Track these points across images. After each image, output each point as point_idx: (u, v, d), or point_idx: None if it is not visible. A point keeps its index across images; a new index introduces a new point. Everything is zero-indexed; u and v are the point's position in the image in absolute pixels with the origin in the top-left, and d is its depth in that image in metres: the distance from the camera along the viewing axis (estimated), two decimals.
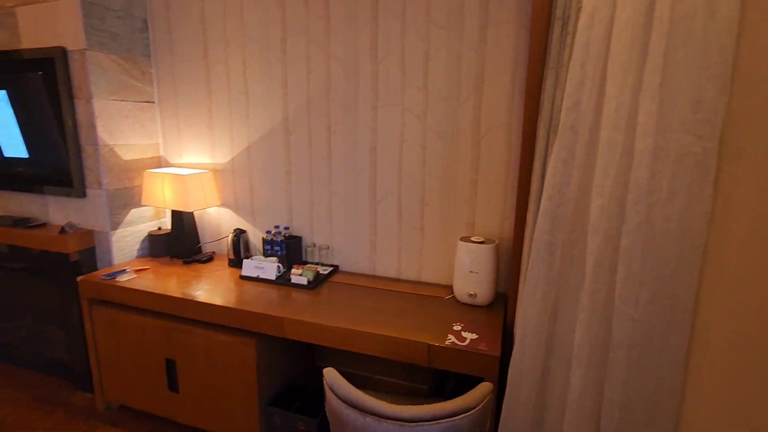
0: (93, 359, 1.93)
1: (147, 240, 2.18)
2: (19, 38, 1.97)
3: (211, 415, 1.73)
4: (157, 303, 1.72)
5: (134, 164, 2.11)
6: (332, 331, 1.45)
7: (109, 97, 1.97)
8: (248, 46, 1.95)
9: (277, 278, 1.81)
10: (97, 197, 1.99)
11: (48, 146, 2.05)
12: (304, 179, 1.98)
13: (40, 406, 1.99)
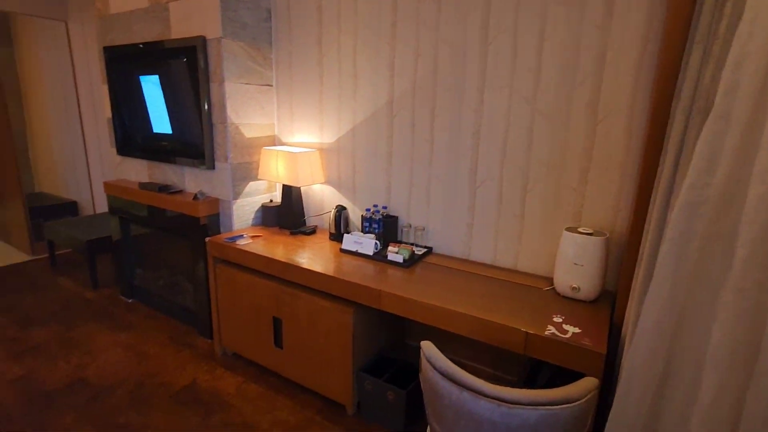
0: (214, 311, 2.23)
1: (260, 210, 2.43)
2: (170, 29, 2.29)
3: (310, 373, 1.90)
4: (268, 266, 1.92)
5: (254, 141, 2.35)
6: (426, 308, 1.49)
7: (237, 81, 2.20)
8: (360, 31, 2.04)
9: (374, 254, 1.90)
10: (224, 170, 2.26)
11: (187, 123, 2.37)
12: (404, 161, 2.03)
13: (173, 345, 2.36)
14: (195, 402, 1.90)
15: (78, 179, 4.00)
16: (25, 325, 2.50)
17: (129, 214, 2.68)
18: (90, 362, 2.16)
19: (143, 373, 2.10)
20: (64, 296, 2.89)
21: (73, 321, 2.57)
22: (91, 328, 2.50)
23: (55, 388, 1.95)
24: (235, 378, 2.08)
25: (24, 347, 2.27)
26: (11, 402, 1.85)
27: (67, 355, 2.21)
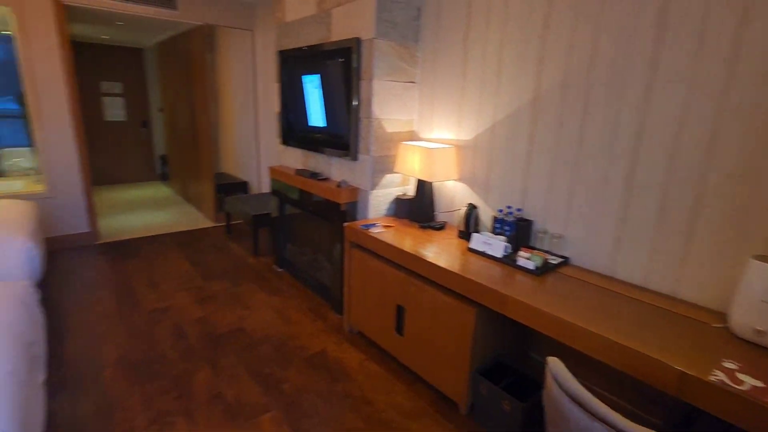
0: (346, 290, 2.45)
1: (394, 202, 2.56)
2: (331, 33, 2.55)
3: (427, 365, 1.95)
4: (397, 256, 2.01)
5: (394, 136, 2.47)
6: (558, 322, 1.39)
7: (384, 78, 2.34)
8: (508, 25, 1.96)
9: (503, 257, 1.83)
10: (365, 161, 2.44)
11: (338, 118, 2.61)
12: (545, 162, 1.90)
13: (310, 314, 2.68)
14: (323, 368, 2.13)
15: (250, 163, 4.78)
16: (207, 277, 3.12)
17: (285, 195, 3.10)
18: (248, 316, 2.60)
19: (286, 333, 2.43)
20: (233, 259, 3.52)
21: (239, 280, 3.11)
22: (251, 287, 2.99)
23: (223, 332, 2.41)
24: (358, 354, 2.26)
25: (205, 295, 2.85)
26: (194, 336, 2.35)
27: (232, 307, 2.70)
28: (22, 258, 2.11)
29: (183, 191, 5.48)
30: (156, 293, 2.84)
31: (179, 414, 1.78)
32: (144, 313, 2.58)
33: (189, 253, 3.61)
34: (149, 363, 2.10)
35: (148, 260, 3.40)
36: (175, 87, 5.04)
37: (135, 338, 2.31)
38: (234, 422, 1.75)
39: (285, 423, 1.76)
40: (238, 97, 4.85)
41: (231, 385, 1.97)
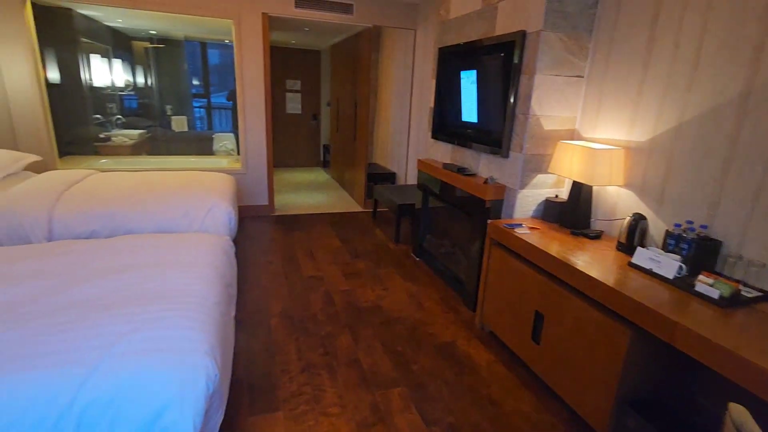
0: (481, 287, 2.43)
1: (543, 204, 2.42)
2: (494, 27, 2.52)
3: (563, 381, 1.81)
4: (541, 259, 1.91)
5: (551, 134, 2.33)
6: (747, 366, 1.14)
7: (547, 72, 2.21)
8: (713, 5, 1.64)
9: (675, 279, 1.57)
10: (516, 159, 2.36)
11: (491, 114, 2.58)
12: (751, 172, 1.55)
13: (442, 305, 2.74)
14: (452, 358, 2.17)
15: (399, 156, 5.06)
16: (353, 256, 3.46)
17: (430, 187, 3.21)
18: (386, 296, 2.80)
19: (418, 318, 2.54)
20: (376, 242, 3.81)
21: (380, 262, 3.36)
22: (389, 271, 3.21)
23: (364, 306, 2.65)
24: (487, 354, 2.23)
25: (351, 270, 3.17)
26: (340, 305, 2.65)
27: (373, 285, 2.94)
28: (226, 219, 2.68)
29: (339, 177, 6.13)
30: (313, 263, 3.28)
31: (324, 368, 2.04)
32: (303, 278, 3.01)
33: (340, 232, 4.04)
34: (304, 320, 2.45)
35: (308, 234, 3.94)
36: (342, 84, 5.64)
37: (294, 297, 2.72)
38: (367, 388, 1.92)
39: (411, 401, 1.86)
40: (394, 93, 5.16)
41: (367, 355, 2.16)
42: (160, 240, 2.00)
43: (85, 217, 2.45)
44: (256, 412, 1.75)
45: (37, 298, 1.41)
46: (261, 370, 2.00)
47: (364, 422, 1.72)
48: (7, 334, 1.20)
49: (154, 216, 2.56)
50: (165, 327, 1.29)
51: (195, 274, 1.65)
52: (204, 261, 1.79)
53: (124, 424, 1.08)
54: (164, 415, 1.11)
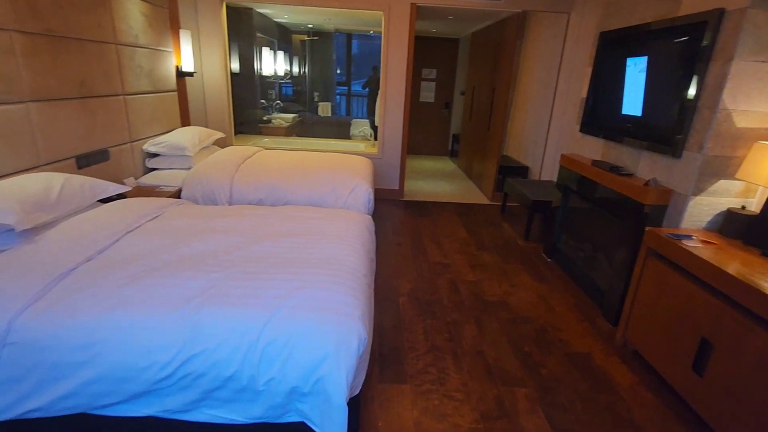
0: (628, 300, 2.18)
1: (722, 215, 2.05)
2: (679, 6, 2.18)
3: (736, 427, 1.54)
4: (717, 279, 1.63)
5: (744, 133, 1.94)
6: None
7: (749, 58, 1.84)
8: None
9: None
10: (692, 160, 2.03)
11: (661, 107, 2.25)
12: None
13: (576, 312, 2.55)
14: (586, 370, 2.01)
15: (535, 149, 4.77)
16: (479, 247, 3.42)
17: (572, 185, 2.97)
18: (513, 293, 2.72)
19: (548, 322, 2.41)
20: (504, 237, 3.69)
21: (507, 257, 3.26)
22: (517, 267, 3.09)
23: (490, 300, 2.61)
24: (630, 375, 2.01)
25: (476, 262, 3.14)
26: (466, 295, 2.66)
27: (499, 281, 2.88)
28: (366, 198, 2.90)
29: (467, 168, 6.06)
30: (439, 250, 3.34)
31: (448, 354, 2.09)
32: (430, 263, 3.09)
33: (466, 222, 4.02)
34: (430, 303, 2.53)
35: (434, 221, 4.01)
36: (480, 72, 5.51)
37: (422, 280, 2.81)
38: (491, 381, 1.91)
39: (538, 404, 1.79)
40: (536, 82, 4.85)
41: (492, 348, 2.14)
42: (316, 213, 2.26)
43: (255, 186, 2.89)
44: (384, 380, 1.88)
45: (230, 250, 1.73)
46: (390, 343, 2.14)
47: (488, 414, 1.72)
48: (214, 275, 1.51)
49: (307, 191, 2.89)
50: (326, 290, 1.47)
51: (347, 247, 1.83)
52: (353, 235, 1.97)
53: (293, 364, 1.28)
54: (322, 365, 1.28)
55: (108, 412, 1.31)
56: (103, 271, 1.51)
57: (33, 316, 1.28)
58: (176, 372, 1.27)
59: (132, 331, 1.28)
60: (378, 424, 1.64)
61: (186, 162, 3.17)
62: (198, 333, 1.29)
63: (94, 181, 2.11)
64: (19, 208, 1.62)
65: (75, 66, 2.37)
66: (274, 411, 1.31)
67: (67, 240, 1.66)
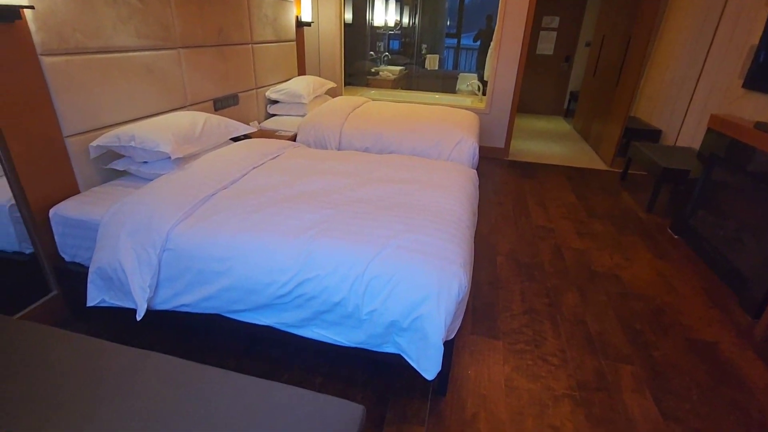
0: None
1: None
2: None
3: None
4: None
5: None
6: None
7: None
8: None
9: None
10: None
11: None
12: None
13: (705, 296, 2.23)
14: (710, 361, 1.79)
15: (674, 109, 4.09)
16: (589, 215, 3.14)
17: (721, 152, 2.50)
18: (626, 267, 2.47)
19: (667, 302, 2.16)
20: (622, 207, 3.32)
21: (623, 229, 2.94)
22: (635, 241, 2.78)
23: (599, 271, 2.41)
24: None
25: (586, 230, 2.90)
26: (571, 261, 2.49)
27: (611, 252, 2.62)
28: (471, 153, 2.81)
29: (584, 129, 5.47)
30: (544, 213, 3.14)
31: (547, 318, 2.01)
32: (532, 226, 2.93)
33: (576, 188, 3.69)
34: (530, 266, 2.43)
35: (541, 183, 3.75)
36: (614, 19, 4.78)
37: (522, 242, 2.70)
38: (592, 353, 1.80)
39: (646, 385, 1.65)
40: (687, 28, 4.06)
41: (596, 320, 2.00)
42: (422, 162, 2.26)
43: (363, 135, 2.97)
44: (477, 332, 1.89)
45: (341, 191, 1.83)
46: (484, 299, 2.12)
47: (585, 384, 1.64)
48: (327, 212, 1.62)
49: (412, 142, 2.89)
50: (430, 235, 1.49)
51: (452, 197, 1.81)
52: (458, 186, 1.94)
53: (395, 300, 1.34)
54: (423, 305, 1.32)
55: (237, 316, 1.53)
56: (236, 199, 1.72)
57: (184, 230, 1.52)
58: (292, 291, 1.42)
59: (258, 251, 1.45)
60: (468, 372, 1.67)
61: (302, 109, 3.37)
62: (312, 260, 1.41)
63: (228, 121, 2.36)
64: (173, 140, 1.90)
65: (215, 15, 2.61)
66: (375, 339, 1.40)
67: (208, 170, 1.91)
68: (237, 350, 1.72)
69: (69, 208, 1.68)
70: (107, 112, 1.93)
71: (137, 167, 1.92)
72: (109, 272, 1.52)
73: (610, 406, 1.55)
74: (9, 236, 1.70)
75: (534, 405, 1.54)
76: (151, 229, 1.51)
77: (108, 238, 1.54)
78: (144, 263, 1.49)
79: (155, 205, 1.59)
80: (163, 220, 1.53)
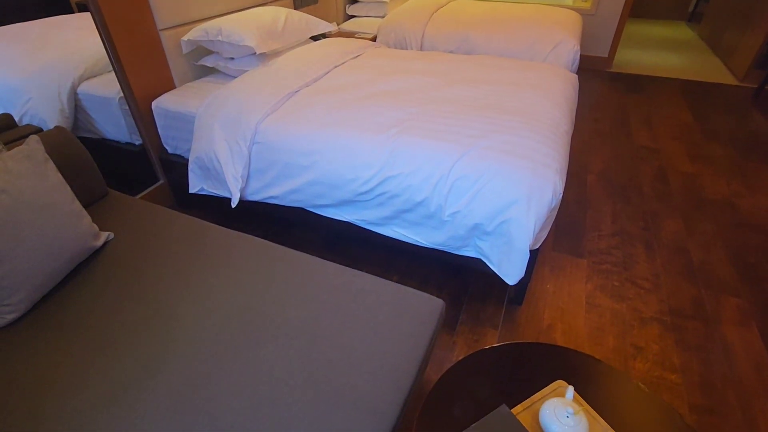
0: None
1: None
2: None
3: None
4: None
5: None
6: None
7: None
8: None
9: None
10: None
11: None
12: None
13: None
14: None
15: None
16: (708, 137, 2.69)
17: None
18: (746, 195, 2.13)
19: None
20: (751, 128, 2.80)
21: (749, 154, 2.50)
22: (761, 168, 2.37)
23: (711, 198, 2.12)
24: None
25: (701, 153, 2.51)
26: (676, 187, 2.20)
27: (729, 178, 2.27)
28: (571, 57, 2.46)
29: (712, 38, 4.53)
30: (649, 132, 2.76)
31: (640, 242, 1.84)
32: (633, 146, 2.60)
33: (694, 105, 3.15)
34: (626, 188, 2.20)
35: (650, 99, 3.25)
36: None
37: (619, 162, 2.42)
38: (691, 281, 1.64)
39: (753, 319, 1.49)
40: None
41: (701, 249, 1.80)
42: (515, 63, 2.02)
43: (447, 36, 2.71)
44: (559, 249, 1.80)
45: (425, 90, 1.72)
46: (569, 218, 1.98)
47: (680, 311, 1.52)
48: (411, 110, 1.54)
49: (502, 45, 2.59)
50: (524, 137, 1.36)
51: (550, 100, 1.61)
52: (557, 89, 1.72)
53: (481, 200, 1.28)
54: (511, 208, 1.25)
55: (321, 211, 1.59)
56: (319, 95, 1.69)
57: (272, 124, 1.55)
58: (375, 188, 1.41)
59: (341, 146, 1.44)
60: (547, 286, 1.63)
61: (381, 9, 3.14)
62: (395, 158, 1.37)
63: (309, 18, 2.26)
64: (258, 34, 1.87)
65: None
66: (455, 242, 1.38)
67: (291, 67, 1.88)
68: (319, 244, 1.82)
69: (168, 102, 1.78)
70: (196, 5, 1.93)
71: (225, 63, 1.94)
72: (206, 162, 1.62)
73: (706, 335, 1.43)
74: (120, 128, 1.86)
75: (617, 324, 1.48)
76: (241, 122, 1.56)
77: (203, 130, 1.62)
78: (236, 154, 1.56)
79: (243, 100, 1.62)
80: (251, 114, 1.56)
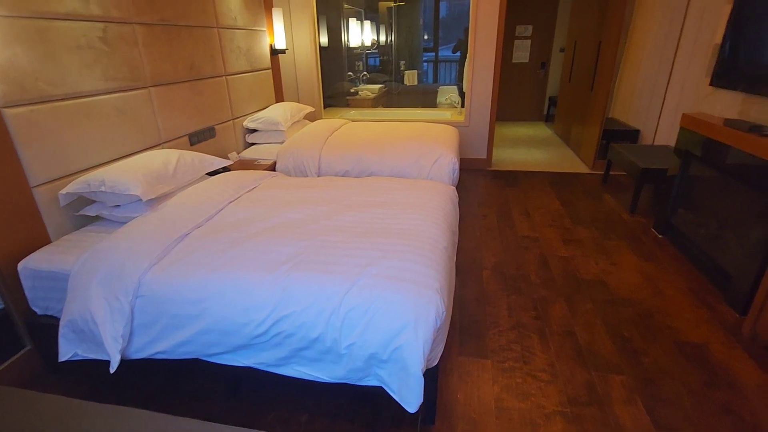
0: (763, 286, 1.84)
1: None
2: None
3: None
4: None
5: None
6: None
7: None
8: None
9: None
10: None
11: None
12: None
13: (691, 297, 2.23)
14: (700, 363, 1.77)
15: (649, 109, 4.15)
16: (574, 221, 3.14)
17: (695, 150, 2.53)
18: (613, 272, 2.46)
19: (654, 306, 2.15)
20: (605, 210, 3.34)
21: (608, 233, 2.95)
22: (619, 244, 2.78)
23: (585, 278, 2.41)
24: (759, 374, 1.72)
25: (571, 237, 2.90)
26: (557, 271, 2.48)
27: (597, 258, 2.62)
28: (450, 169, 2.81)
29: (564, 134, 5.53)
30: (529, 222, 3.15)
31: (534, 332, 1.99)
32: (517, 236, 2.93)
33: (560, 193, 3.71)
34: (516, 279, 2.42)
35: (525, 192, 3.76)
36: (584, 25, 4.88)
37: (508, 254, 2.69)
38: (581, 365, 1.78)
39: (638, 394, 1.63)
40: (655, 29, 4.15)
41: (584, 330, 1.99)
42: (399, 184, 2.26)
43: (342, 158, 2.97)
44: (465, 353, 1.87)
45: (317, 220, 1.82)
46: (472, 316, 2.10)
47: (576, 399, 1.62)
48: (302, 243, 1.61)
49: (391, 162, 2.89)
50: (406, 260, 1.47)
51: (428, 218, 1.80)
52: (435, 206, 1.93)
53: (373, 331, 1.32)
54: (401, 335, 1.30)
55: (216, 359, 1.50)
56: (210, 236, 1.70)
57: (158, 273, 1.50)
58: (269, 330, 1.39)
59: (233, 290, 1.43)
60: (457, 396, 1.64)
61: (280, 136, 3.38)
62: (288, 296, 1.39)
63: (203, 156, 2.35)
64: (144, 181, 1.88)
65: (185, 51, 2.62)
66: (356, 374, 1.38)
67: (182, 209, 1.89)
68: (221, 393, 1.68)
69: (38, 260, 1.65)
70: (78, 157, 1.91)
71: (109, 212, 1.89)
72: (81, 324, 1.48)
73: (602, 421, 1.52)
74: None
75: (525, 425, 1.51)
76: (123, 275, 1.49)
77: (78, 289, 1.51)
78: (116, 312, 1.46)
79: (126, 251, 1.56)
80: (134, 266, 1.50)
